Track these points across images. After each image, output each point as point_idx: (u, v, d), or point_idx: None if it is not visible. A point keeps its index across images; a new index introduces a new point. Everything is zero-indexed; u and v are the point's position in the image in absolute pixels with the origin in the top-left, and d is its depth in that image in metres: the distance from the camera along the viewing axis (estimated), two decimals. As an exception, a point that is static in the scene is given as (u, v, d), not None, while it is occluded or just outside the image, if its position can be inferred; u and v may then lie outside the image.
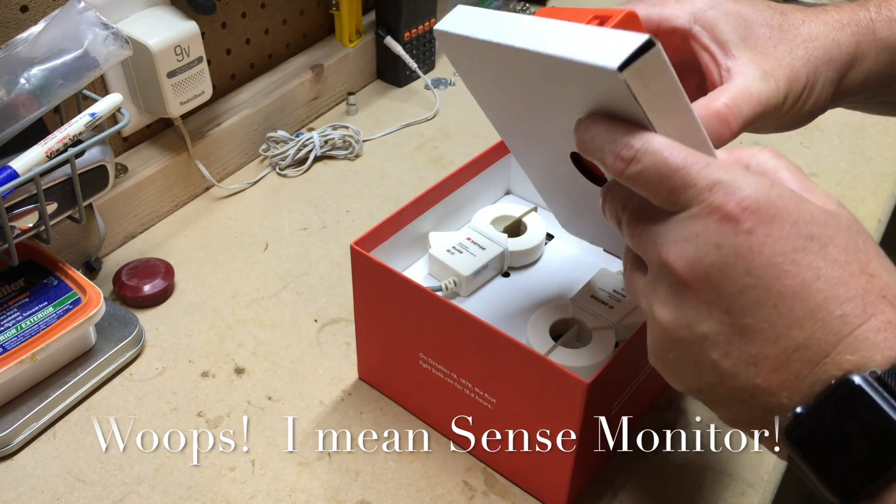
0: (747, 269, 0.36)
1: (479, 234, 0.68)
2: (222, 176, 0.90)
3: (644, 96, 0.38)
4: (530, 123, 0.50)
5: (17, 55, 0.61)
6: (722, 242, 0.36)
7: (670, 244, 0.38)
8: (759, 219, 0.35)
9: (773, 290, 0.35)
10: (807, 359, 0.35)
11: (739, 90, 0.47)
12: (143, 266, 0.76)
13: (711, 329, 0.37)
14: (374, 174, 0.91)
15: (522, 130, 0.52)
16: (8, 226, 0.62)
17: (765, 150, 0.41)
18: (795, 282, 0.35)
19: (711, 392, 0.39)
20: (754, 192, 0.36)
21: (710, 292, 0.37)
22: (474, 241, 0.67)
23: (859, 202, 0.88)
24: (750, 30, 0.49)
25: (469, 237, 0.67)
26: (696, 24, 0.50)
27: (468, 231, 0.68)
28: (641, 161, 0.38)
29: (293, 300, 0.76)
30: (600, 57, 0.37)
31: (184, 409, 0.66)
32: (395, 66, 1.04)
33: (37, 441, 0.63)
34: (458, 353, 0.57)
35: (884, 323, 0.35)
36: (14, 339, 0.63)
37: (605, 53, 0.37)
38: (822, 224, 0.36)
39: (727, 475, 0.62)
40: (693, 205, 0.37)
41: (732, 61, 0.48)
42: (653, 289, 0.40)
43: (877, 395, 0.34)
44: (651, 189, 0.39)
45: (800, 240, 0.35)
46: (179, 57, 0.76)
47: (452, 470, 0.61)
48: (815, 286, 0.35)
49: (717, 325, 0.37)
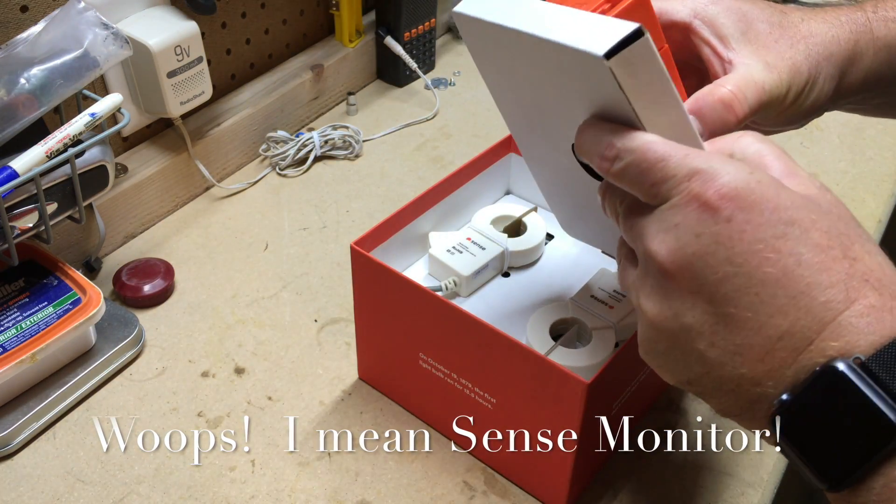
0: (728, 258, 0.35)
1: (479, 234, 0.68)
2: (222, 176, 0.90)
3: (630, 86, 0.38)
4: (536, 113, 0.50)
5: (17, 55, 0.61)
6: (701, 231, 0.36)
7: (653, 235, 0.38)
8: (737, 206, 0.35)
9: (754, 278, 0.35)
10: (791, 347, 0.35)
11: (743, 78, 0.47)
12: (143, 266, 0.76)
13: (696, 319, 0.37)
14: (374, 174, 0.91)
15: (529, 122, 0.52)
16: (8, 226, 0.62)
17: (748, 135, 0.41)
18: (777, 269, 0.35)
19: (700, 383, 0.39)
20: (732, 179, 0.36)
21: (693, 282, 0.37)
22: (474, 241, 0.67)
23: (859, 202, 0.88)
24: (750, 25, 0.49)
25: (469, 237, 0.67)
26: (696, 18, 0.50)
27: (468, 231, 0.68)
28: (623, 159, 0.39)
29: (293, 300, 0.76)
30: (589, 43, 0.38)
31: (184, 409, 0.66)
32: (395, 66, 1.04)
33: (37, 441, 0.63)
34: (458, 353, 0.57)
35: (867, 307, 0.34)
36: (14, 339, 0.63)
37: (594, 40, 0.37)
38: (803, 209, 0.36)
39: (727, 475, 0.62)
40: (673, 195, 0.37)
41: (734, 53, 0.48)
42: (641, 281, 0.40)
43: (861, 382, 0.34)
44: (635, 184, 0.39)
45: (780, 226, 0.35)
46: (179, 57, 0.76)
47: (452, 470, 0.61)
48: (797, 272, 0.35)
49: (701, 314, 0.37)
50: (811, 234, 0.35)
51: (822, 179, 0.90)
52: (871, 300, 0.35)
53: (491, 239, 0.67)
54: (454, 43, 1.15)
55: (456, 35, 1.16)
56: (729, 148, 0.41)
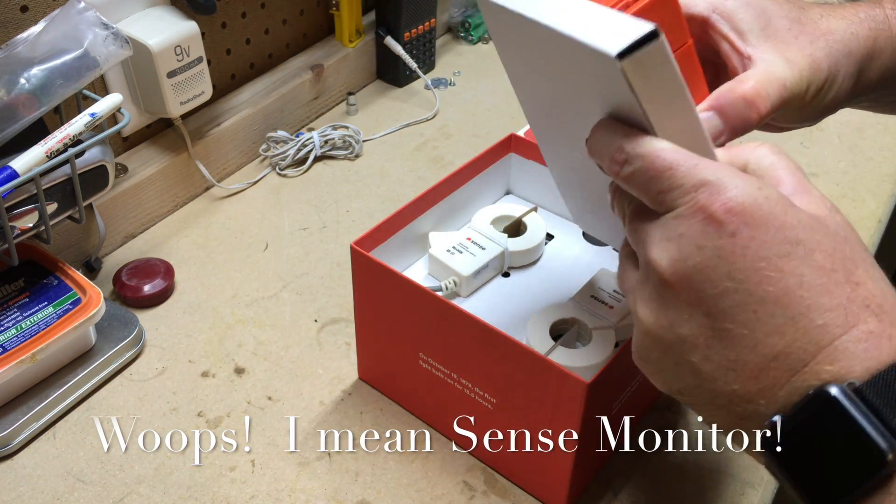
0: (728, 273, 0.35)
1: (479, 234, 0.68)
2: (222, 176, 0.90)
3: (642, 89, 0.37)
4: (552, 105, 0.50)
5: (18, 55, 0.61)
6: (704, 244, 0.35)
7: (656, 243, 0.38)
8: (743, 221, 0.35)
9: (754, 296, 0.35)
10: (785, 367, 0.35)
11: (765, 74, 0.46)
12: (143, 266, 0.76)
13: (692, 331, 0.37)
14: (374, 174, 0.91)
15: (546, 112, 0.52)
16: (8, 226, 0.62)
17: (764, 146, 0.41)
18: (778, 288, 0.34)
19: (691, 394, 0.39)
20: (740, 193, 0.35)
21: (691, 294, 0.36)
22: (474, 241, 0.67)
23: (859, 202, 0.88)
24: (770, 21, 0.48)
25: (469, 237, 0.67)
26: (714, 12, 0.49)
27: (468, 231, 0.68)
28: (632, 164, 0.38)
29: (293, 300, 0.76)
30: (603, 42, 0.37)
31: (184, 409, 0.66)
32: (395, 66, 1.04)
33: (37, 441, 0.63)
34: (458, 353, 0.57)
35: (865, 333, 0.34)
36: (14, 339, 0.63)
37: (608, 39, 0.37)
38: (810, 229, 0.36)
39: (727, 475, 0.62)
40: (679, 205, 0.37)
41: (753, 49, 0.48)
42: (640, 287, 0.40)
43: (853, 407, 0.33)
44: (642, 191, 0.39)
45: (785, 245, 0.35)
46: (179, 57, 0.76)
47: (452, 470, 0.61)
48: (798, 293, 0.34)
49: (698, 327, 0.37)
50: (815, 256, 0.35)
51: (822, 179, 0.90)
52: (870, 326, 0.34)
53: (491, 239, 0.68)
54: (454, 43, 1.15)
55: (456, 35, 1.16)
56: (744, 158, 0.41)
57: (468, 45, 1.15)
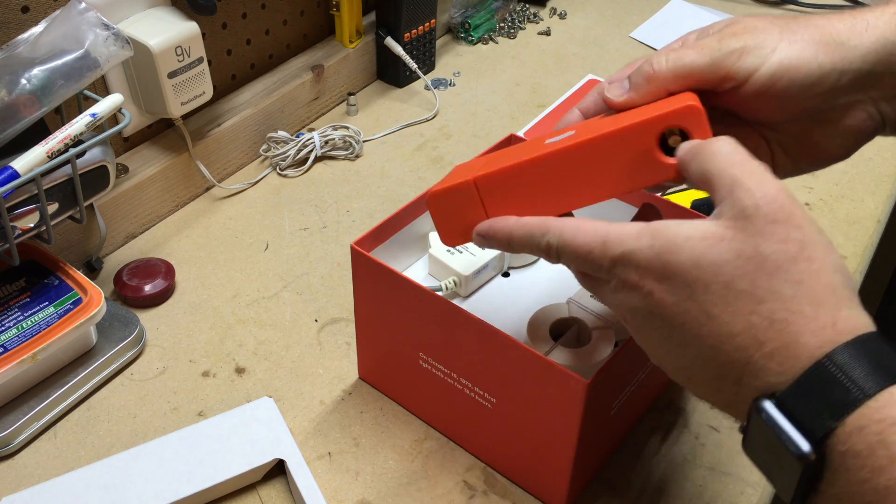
0: (659, 325, 0.41)
1: (479, 234, 0.68)
2: (223, 176, 0.90)
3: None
4: None
5: (18, 56, 0.62)
6: (635, 306, 0.41)
7: (608, 302, 0.44)
8: (653, 279, 0.40)
9: (682, 337, 0.40)
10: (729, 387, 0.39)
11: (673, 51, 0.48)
12: (143, 266, 0.76)
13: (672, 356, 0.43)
14: (374, 174, 0.92)
15: None
16: (9, 226, 0.62)
17: (721, 140, 0.41)
18: (692, 327, 0.39)
19: (683, 375, 0.43)
20: (646, 258, 0.40)
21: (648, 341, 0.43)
22: (474, 242, 0.67)
23: (859, 202, 0.88)
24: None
25: (469, 237, 0.68)
26: None
27: (468, 231, 0.68)
28: (561, 255, 0.44)
29: (293, 300, 0.76)
30: None
31: (184, 408, 0.66)
32: (395, 66, 1.04)
33: (37, 441, 0.64)
34: (458, 353, 0.57)
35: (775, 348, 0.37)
36: (15, 339, 0.63)
37: None
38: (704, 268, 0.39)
39: (727, 475, 0.62)
40: (607, 280, 0.43)
41: None
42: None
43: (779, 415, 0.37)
44: (579, 269, 0.45)
45: (685, 290, 0.39)
46: (180, 57, 0.77)
47: (452, 469, 0.62)
48: (707, 328, 0.39)
49: (667, 354, 0.42)
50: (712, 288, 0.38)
51: (821, 180, 0.90)
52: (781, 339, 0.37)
53: (491, 239, 0.68)
54: (454, 43, 1.15)
55: (456, 35, 1.16)
56: (706, 167, 0.42)
57: (468, 46, 1.15)
